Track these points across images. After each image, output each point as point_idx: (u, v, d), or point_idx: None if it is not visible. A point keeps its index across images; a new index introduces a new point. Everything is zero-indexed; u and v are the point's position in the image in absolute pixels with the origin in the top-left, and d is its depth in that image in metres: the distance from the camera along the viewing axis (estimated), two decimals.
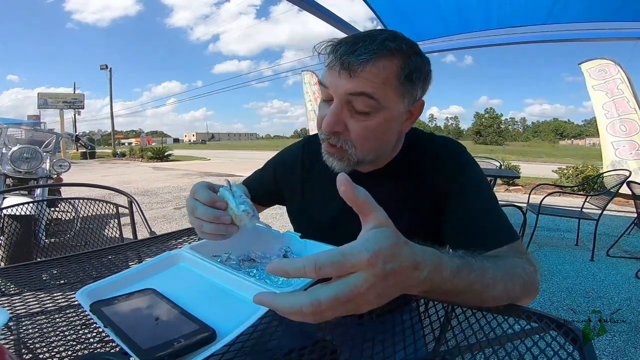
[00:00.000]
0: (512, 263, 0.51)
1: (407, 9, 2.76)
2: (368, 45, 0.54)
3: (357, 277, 0.32)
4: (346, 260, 0.32)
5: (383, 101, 0.56)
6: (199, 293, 0.49)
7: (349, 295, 0.32)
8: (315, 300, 0.31)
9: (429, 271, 0.37)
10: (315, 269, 0.31)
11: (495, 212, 0.61)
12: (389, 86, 0.56)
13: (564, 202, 4.94)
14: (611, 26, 2.66)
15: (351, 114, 0.58)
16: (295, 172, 0.79)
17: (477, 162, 0.67)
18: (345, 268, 0.32)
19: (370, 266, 0.32)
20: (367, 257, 0.32)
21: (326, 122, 0.58)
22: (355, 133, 0.58)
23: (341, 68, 0.55)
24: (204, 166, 13.95)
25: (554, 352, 0.39)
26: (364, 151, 0.60)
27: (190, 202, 0.54)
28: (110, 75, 30.74)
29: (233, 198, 0.52)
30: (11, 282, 0.66)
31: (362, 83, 0.55)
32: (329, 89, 0.58)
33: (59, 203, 2.32)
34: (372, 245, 0.32)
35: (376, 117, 0.57)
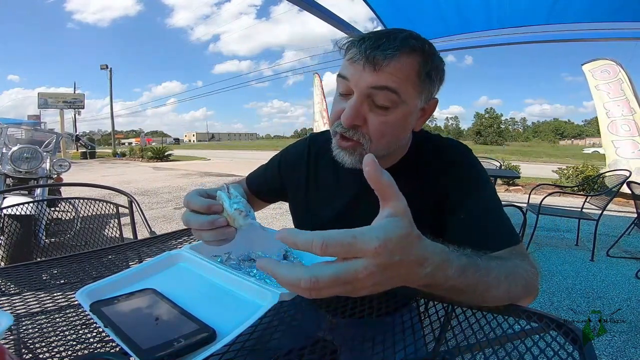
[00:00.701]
0: (514, 264, 0.52)
1: (407, 9, 2.76)
2: (392, 42, 0.56)
3: (361, 263, 0.32)
4: (355, 244, 0.32)
5: (404, 96, 0.57)
6: (199, 293, 0.49)
7: (348, 279, 0.32)
8: (313, 277, 0.32)
9: (433, 268, 0.37)
10: (322, 246, 0.31)
11: (498, 215, 0.61)
12: (410, 82, 0.57)
13: (564, 202, 4.94)
14: (611, 26, 2.66)
15: (370, 108, 0.58)
16: (300, 168, 0.79)
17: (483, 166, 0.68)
18: (352, 252, 0.32)
19: (376, 255, 0.32)
20: (376, 246, 0.32)
21: (346, 116, 0.58)
22: (374, 127, 0.59)
23: (366, 62, 0.56)
24: (205, 166, 13.95)
25: (554, 352, 0.39)
26: (379, 146, 0.61)
27: (185, 216, 0.53)
28: (110, 75, 30.75)
29: (228, 199, 0.52)
30: (11, 282, 0.66)
31: (386, 77, 0.56)
32: (350, 82, 0.58)
33: (59, 203, 2.32)
34: (383, 234, 0.32)
35: (395, 112, 0.58)
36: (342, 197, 0.72)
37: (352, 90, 0.59)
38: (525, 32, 3.04)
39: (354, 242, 0.32)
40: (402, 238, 0.33)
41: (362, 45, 0.57)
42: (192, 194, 0.54)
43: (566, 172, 6.72)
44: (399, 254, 0.33)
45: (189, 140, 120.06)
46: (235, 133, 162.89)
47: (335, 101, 0.63)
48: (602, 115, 6.08)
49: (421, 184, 0.66)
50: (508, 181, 6.75)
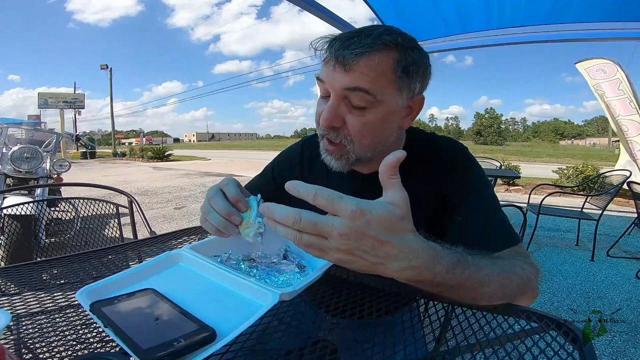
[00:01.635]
0: (511, 262, 0.52)
1: (407, 9, 2.76)
2: (363, 40, 0.54)
3: (337, 220, 0.36)
4: (339, 202, 0.36)
5: (379, 95, 0.56)
6: (199, 293, 0.49)
7: (324, 230, 0.37)
8: (297, 214, 0.37)
9: (419, 262, 0.39)
10: (314, 195, 0.37)
11: (497, 215, 0.61)
12: (385, 80, 0.56)
13: (564, 202, 4.94)
14: (611, 26, 2.66)
15: (349, 109, 0.57)
16: (294, 172, 0.79)
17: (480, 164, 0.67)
18: (334, 208, 0.37)
19: (352, 218, 0.36)
20: (353, 209, 0.36)
21: (324, 118, 0.57)
22: (354, 128, 0.58)
23: (336, 62, 0.55)
24: (205, 166, 13.95)
25: (554, 352, 0.39)
26: (363, 147, 0.60)
27: (213, 190, 0.55)
28: (110, 75, 30.74)
29: (257, 209, 0.53)
30: (11, 281, 0.66)
31: (357, 77, 0.54)
32: (325, 84, 0.58)
33: (59, 203, 2.32)
34: (365, 205, 0.37)
35: (373, 111, 0.57)
36: None
37: (328, 91, 0.58)
38: (525, 32, 3.03)
39: (338, 200, 0.36)
40: (385, 219, 0.37)
41: (332, 46, 0.56)
42: (232, 180, 0.57)
43: (566, 172, 6.72)
44: (376, 230, 0.36)
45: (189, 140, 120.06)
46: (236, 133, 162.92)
47: (318, 104, 0.63)
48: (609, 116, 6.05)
49: (418, 186, 0.65)
50: (508, 181, 6.75)
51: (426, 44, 3.29)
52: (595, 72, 6.12)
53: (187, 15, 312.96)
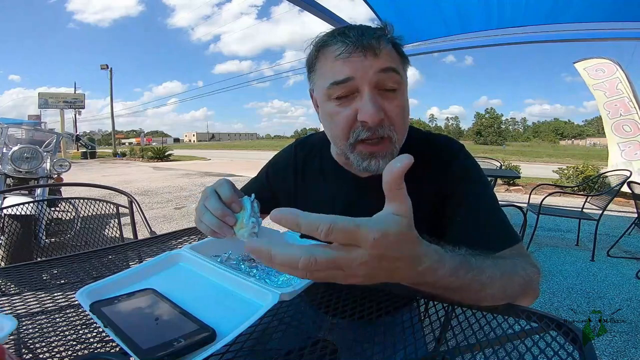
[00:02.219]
0: (513, 263, 0.52)
1: (407, 9, 2.76)
2: (369, 28, 0.58)
3: (358, 251, 0.33)
4: (358, 232, 0.33)
5: (403, 75, 0.59)
6: (199, 293, 0.49)
7: (343, 264, 0.33)
8: (311, 256, 0.32)
9: (425, 268, 0.38)
10: (329, 230, 0.31)
11: (496, 215, 0.60)
12: (398, 59, 0.59)
13: (565, 202, 4.94)
14: (611, 26, 2.66)
15: (382, 96, 0.57)
16: (288, 176, 0.77)
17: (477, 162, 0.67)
18: (353, 239, 0.33)
19: (374, 246, 0.33)
20: (375, 237, 0.33)
21: (370, 114, 0.54)
22: (394, 114, 0.57)
23: (364, 49, 0.55)
24: (205, 166, 13.96)
25: (554, 352, 0.39)
26: (401, 134, 0.60)
27: (208, 191, 0.55)
28: (110, 75, 30.75)
29: (251, 209, 0.53)
30: (11, 281, 0.66)
31: (387, 59, 0.56)
32: (352, 79, 0.55)
33: (59, 203, 2.32)
34: (384, 227, 0.34)
35: (401, 92, 0.59)
36: (336, 202, 0.71)
37: (355, 88, 0.56)
38: (525, 32, 3.03)
39: (357, 230, 0.32)
40: (401, 235, 0.35)
41: (347, 38, 0.56)
42: (227, 181, 0.56)
43: (566, 172, 6.72)
44: (395, 249, 0.34)
45: (189, 140, 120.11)
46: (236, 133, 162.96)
47: (333, 113, 0.59)
48: (605, 117, 6.01)
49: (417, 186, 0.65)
50: (508, 181, 6.75)
51: (426, 44, 3.30)
52: (595, 72, 6.11)
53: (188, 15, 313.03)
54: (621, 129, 5.80)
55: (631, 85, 5.75)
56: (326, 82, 0.58)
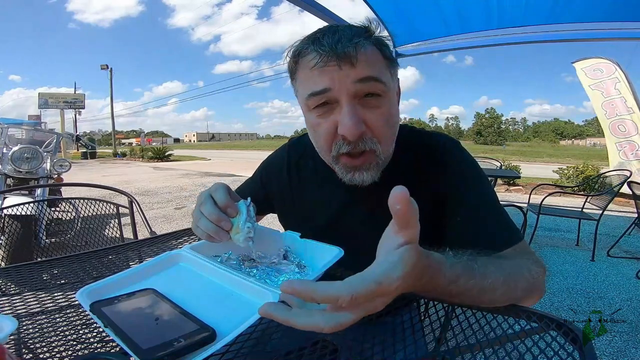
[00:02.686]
0: (517, 265, 0.51)
1: (407, 9, 2.76)
2: (346, 33, 0.52)
3: (382, 300, 0.34)
4: (380, 289, 0.33)
5: (387, 82, 0.54)
6: (199, 293, 0.49)
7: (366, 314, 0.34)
8: (337, 324, 0.32)
9: (422, 281, 0.38)
10: (351, 300, 0.31)
11: (497, 213, 0.59)
12: (383, 66, 0.55)
13: (565, 202, 4.94)
14: (611, 26, 2.66)
15: (363, 107, 0.53)
16: (281, 178, 0.76)
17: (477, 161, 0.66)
18: (378, 295, 0.33)
19: (396, 291, 0.34)
20: (397, 285, 0.33)
21: (349, 127, 0.51)
22: (377, 125, 0.54)
23: (339, 58, 0.51)
24: (205, 166, 13.96)
25: (554, 352, 0.39)
26: (387, 145, 0.57)
27: (203, 196, 0.55)
28: (110, 75, 30.74)
29: (246, 214, 0.53)
30: (12, 282, 0.66)
31: (366, 67, 0.52)
32: (329, 90, 0.52)
33: (60, 203, 2.33)
34: (402, 271, 0.34)
35: (385, 101, 0.54)
36: (333, 203, 0.69)
37: (333, 99, 0.53)
38: (525, 32, 3.03)
39: (379, 288, 0.33)
40: (415, 267, 0.35)
41: (321, 47, 0.51)
42: (222, 186, 0.55)
43: (566, 172, 6.72)
44: (412, 280, 0.35)
45: (189, 140, 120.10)
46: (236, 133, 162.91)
47: (314, 125, 0.56)
48: (602, 116, 5.99)
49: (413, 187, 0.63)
50: (508, 181, 6.75)
51: (426, 44, 3.30)
52: (593, 72, 6.09)
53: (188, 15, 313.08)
54: (617, 129, 5.79)
55: (631, 86, 5.74)
56: (305, 92, 0.55)
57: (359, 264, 0.38)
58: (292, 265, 0.58)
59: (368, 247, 0.39)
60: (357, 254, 0.45)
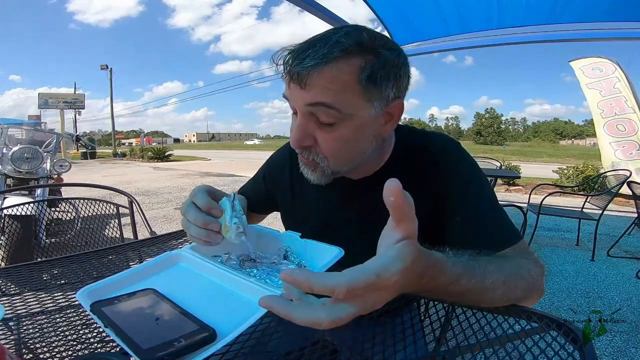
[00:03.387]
0: (517, 265, 0.51)
1: (407, 9, 2.76)
2: (318, 50, 0.49)
3: (379, 296, 0.33)
4: (379, 282, 0.32)
5: (345, 109, 0.51)
6: (199, 293, 0.49)
7: (366, 309, 0.33)
8: (337, 318, 0.32)
9: (423, 281, 0.38)
10: (348, 290, 0.31)
11: (496, 213, 0.59)
12: (349, 92, 0.50)
13: (565, 202, 4.94)
14: (611, 26, 2.66)
15: (317, 125, 0.54)
16: (283, 175, 0.77)
17: (477, 161, 0.65)
18: (375, 289, 0.33)
19: (395, 286, 0.33)
20: (396, 279, 0.33)
21: (293, 138, 0.55)
22: (325, 145, 0.55)
23: (291, 80, 0.52)
24: (205, 166, 13.96)
25: (554, 352, 0.39)
26: (338, 163, 0.57)
27: (185, 204, 0.54)
28: (110, 75, 30.75)
29: (231, 210, 0.52)
30: (12, 282, 0.66)
31: (317, 92, 0.50)
32: (290, 101, 0.55)
33: (60, 203, 2.32)
34: (401, 265, 0.33)
35: (343, 126, 0.53)
36: (327, 209, 0.70)
37: (294, 108, 0.56)
38: (525, 32, 3.04)
39: (377, 280, 0.32)
40: (415, 262, 0.34)
41: (286, 62, 0.52)
42: (202, 189, 0.55)
43: (566, 172, 6.72)
44: (411, 276, 0.35)
45: (189, 140, 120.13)
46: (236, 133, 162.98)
47: (292, 120, 0.60)
48: (597, 115, 5.95)
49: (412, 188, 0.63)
50: (508, 181, 6.75)
51: (426, 44, 3.30)
52: (591, 71, 6.07)
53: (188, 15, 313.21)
54: (615, 128, 5.75)
55: (631, 85, 5.73)
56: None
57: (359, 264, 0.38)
58: (292, 265, 0.58)
59: (367, 247, 0.39)
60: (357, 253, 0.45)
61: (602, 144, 5.93)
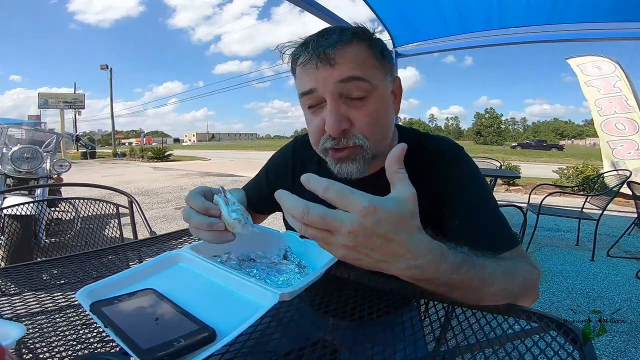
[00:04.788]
0: (513, 263, 0.52)
1: (407, 9, 2.77)
2: (333, 34, 0.54)
3: (348, 216, 0.35)
4: (350, 196, 0.34)
5: (373, 80, 0.55)
6: (199, 293, 0.49)
7: (332, 226, 0.35)
8: (305, 207, 0.35)
9: (425, 262, 0.38)
10: (324, 188, 0.35)
11: (495, 217, 0.60)
12: (370, 65, 0.56)
13: (565, 202, 4.94)
14: (611, 26, 2.66)
15: (349, 105, 0.55)
16: (287, 173, 0.77)
17: (477, 162, 0.66)
18: (344, 202, 0.35)
19: (363, 214, 0.34)
20: (365, 205, 0.34)
21: (331, 125, 0.54)
22: (362, 123, 0.56)
23: (318, 60, 0.54)
24: (205, 166, 13.96)
25: (554, 352, 0.39)
26: (376, 140, 0.58)
27: (185, 212, 0.54)
28: (110, 75, 30.76)
29: (226, 206, 0.52)
30: (11, 282, 0.66)
31: (347, 67, 0.54)
32: (315, 90, 0.55)
33: (59, 203, 2.32)
34: (377, 202, 0.35)
35: (373, 99, 0.56)
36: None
37: (321, 98, 0.56)
38: (525, 32, 3.04)
39: (350, 194, 0.35)
40: (396, 216, 0.35)
41: (307, 48, 0.55)
42: (195, 192, 0.55)
43: (566, 172, 6.72)
44: (386, 228, 0.35)
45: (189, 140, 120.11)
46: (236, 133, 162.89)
47: (309, 121, 0.60)
48: (595, 113, 5.94)
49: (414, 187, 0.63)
50: (508, 181, 6.75)
51: (426, 44, 3.30)
52: (590, 69, 6.06)
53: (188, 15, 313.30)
54: (613, 127, 5.73)
55: (631, 85, 5.72)
56: (298, 91, 0.59)
57: None
58: (292, 265, 0.59)
59: None
60: None
61: (602, 142, 5.94)
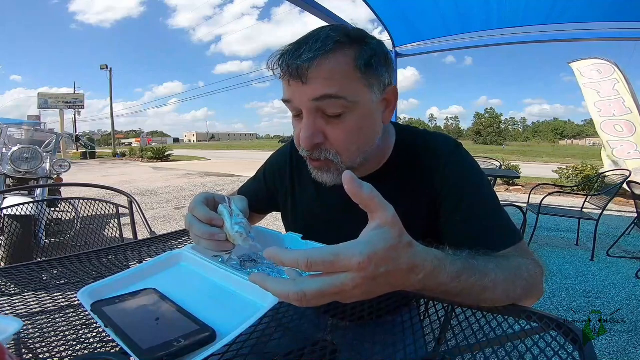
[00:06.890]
0: (517, 264, 0.51)
1: (407, 9, 2.77)
2: (312, 45, 0.50)
3: (345, 277, 0.33)
4: (338, 260, 0.32)
5: (351, 97, 0.52)
6: (200, 293, 0.49)
7: (334, 291, 0.33)
8: (300, 292, 0.33)
9: (425, 274, 0.37)
10: (307, 264, 0.32)
11: (497, 213, 0.59)
12: (350, 79, 0.52)
13: (564, 202, 4.94)
14: (611, 26, 2.66)
15: (326, 120, 0.54)
16: (284, 175, 0.76)
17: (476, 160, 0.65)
18: (336, 268, 0.33)
19: (360, 270, 0.32)
20: (359, 261, 0.32)
21: (303, 138, 0.54)
22: (337, 139, 0.54)
23: (291, 77, 0.52)
24: (204, 166, 13.95)
25: (554, 352, 0.39)
26: (351, 156, 0.57)
27: (188, 219, 0.54)
28: (110, 75, 30.74)
29: (230, 217, 0.52)
30: (11, 282, 0.66)
31: (320, 85, 0.51)
32: (292, 102, 0.54)
33: (59, 203, 2.32)
34: (367, 248, 0.33)
35: (351, 116, 0.53)
36: (326, 210, 0.69)
37: (298, 109, 0.55)
38: (525, 32, 3.04)
39: (337, 259, 0.32)
40: (389, 250, 0.34)
41: (282, 61, 0.52)
42: (199, 200, 0.54)
43: (566, 172, 6.72)
44: (386, 265, 0.34)
45: (189, 140, 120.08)
46: (236, 133, 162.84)
47: (293, 125, 0.59)
48: (595, 115, 6.00)
49: (412, 186, 0.62)
50: (508, 181, 6.75)
51: (426, 44, 3.30)
52: (590, 72, 6.09)
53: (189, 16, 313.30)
54: (612, 128, 5.79)
55: (629, 87, 5.74)
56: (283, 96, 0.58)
57: None
58: None
59: None
60: None
61: (601, 142, 5.98)
